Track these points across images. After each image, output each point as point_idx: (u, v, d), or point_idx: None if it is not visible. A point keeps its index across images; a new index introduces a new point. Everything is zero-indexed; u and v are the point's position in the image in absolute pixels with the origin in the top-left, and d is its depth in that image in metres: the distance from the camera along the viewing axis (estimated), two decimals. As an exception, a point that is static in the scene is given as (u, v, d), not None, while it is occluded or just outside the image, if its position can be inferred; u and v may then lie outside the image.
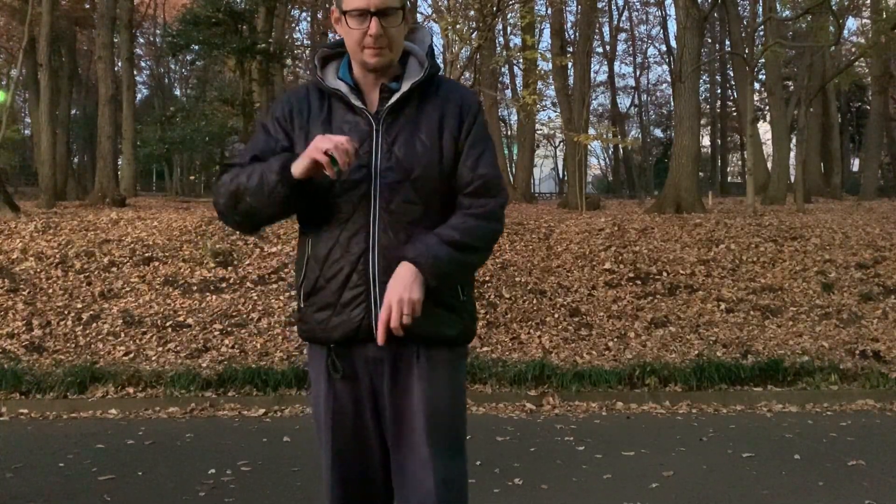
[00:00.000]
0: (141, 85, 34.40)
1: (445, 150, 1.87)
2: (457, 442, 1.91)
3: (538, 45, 18.23)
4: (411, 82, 1.87)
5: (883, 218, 12.71)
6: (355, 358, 1.87)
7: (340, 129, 1.84)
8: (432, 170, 1.85)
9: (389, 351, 1.83)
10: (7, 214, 11.48)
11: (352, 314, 1.83)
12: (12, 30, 25.42)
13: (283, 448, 4.95)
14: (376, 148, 1.83)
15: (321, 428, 1.93)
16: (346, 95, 1.87)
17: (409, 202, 1.82)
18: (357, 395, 1.89)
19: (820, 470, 4.41)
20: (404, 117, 1.86)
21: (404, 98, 1.86)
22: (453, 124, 1.89)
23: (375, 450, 1.91)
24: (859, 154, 34.05)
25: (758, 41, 19.27)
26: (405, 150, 1.84)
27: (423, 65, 1.91)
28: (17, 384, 6.42)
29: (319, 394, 1.93)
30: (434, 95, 1.91)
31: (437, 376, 1.86)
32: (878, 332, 7.97)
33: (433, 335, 1.84)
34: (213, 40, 12.41)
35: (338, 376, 1.88)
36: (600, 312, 8.37)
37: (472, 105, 1.94)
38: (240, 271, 9.02)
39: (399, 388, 1.86)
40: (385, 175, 1.82)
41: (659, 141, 41.36)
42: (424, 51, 1.94)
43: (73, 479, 4.24)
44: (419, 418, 1.84)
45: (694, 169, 14.65)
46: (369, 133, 1.84)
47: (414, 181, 1.83)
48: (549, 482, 4.17)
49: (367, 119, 1.85)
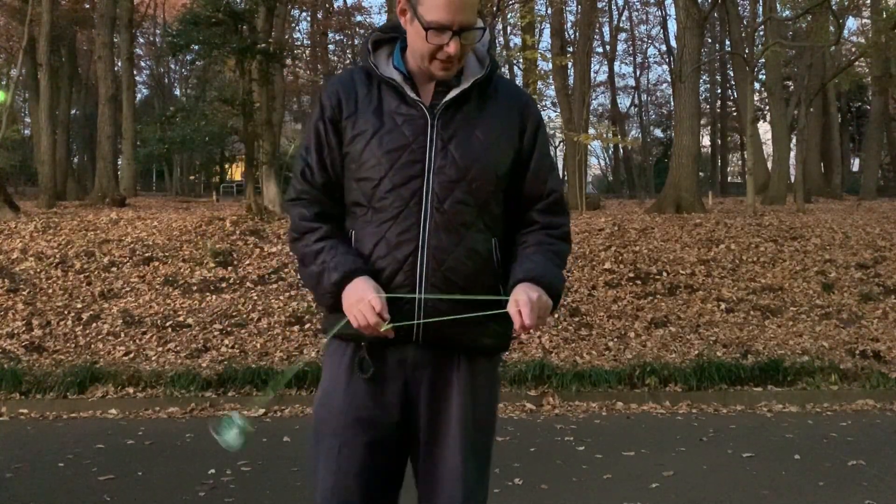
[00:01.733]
0: (141, 85, 34.42)
1: (502, 154, 1.79)
2: (486, 453, 1.84)
3: (538, 45, 18.25)
4: (472, 79, 1.78)
5: (883, 218, 12.71)
6: (389, 359, 1.76)
7: (392, 120, 1.75)
8: (489, 172, 1.76)
9: (433, 355, 1.76)
10: (7, 214, 11.48)
11: (392, 315, 1.71)
12: (12, 30, 25.41)
13: (283, 448, 4.94)
14: (431, 144, 1.74)
15: (323, 432, 1.81)
16: (401, 85, 1.76)
17: (463, 203, 1.73)
18: (379, 400, 1.76)
19: (820, 470, 4.41)
20: (462, 115, 1.77)
21: (464, 94, 1.77)
22: (513, 128, 1.81)
23: (385, 465, 1.78)
24: (859, 154, 34.05)
25: (758, 41, 19.27)
26: (462, 148, 1.74)
27: (482, 61, 1.82)
28: (17, 384, 6.42)
29: (334, 392, 1.80)
30: (493, 95, 1.82)
31: (477, 385, 1.79)
32: (878, 332, 7.97)
33: (474, 344, 1.77)
34: (213, 40, 12.37)
35: (365, 376, 1.76)
36: (600, 312, 8.37)
37: (534, 111, 1.86)
38: (240, 271, 9.02)
39: (437, 395, 1.77)
40: (439, 173, 1.72)
41: (659, 141, 41.34)
42: (485, 47, 1.84)
43: (73, 479, 4.23)
44: (455, 427, 1.76)
45: (694, 169, 14.65)
46: (424, 127, 1.75)
47: (470, 182, 1.74)
48: (549, 482, 4.17)
49: (422, 112, 1.75)
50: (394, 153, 1.74)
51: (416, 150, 1.73)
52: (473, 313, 1.70)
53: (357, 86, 1.81)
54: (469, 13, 1.69)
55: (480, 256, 1.75)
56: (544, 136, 1.87)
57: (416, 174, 1.72)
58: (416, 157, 1.73)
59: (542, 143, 1.86)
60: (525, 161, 1.84)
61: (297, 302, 8.28)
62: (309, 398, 6.33)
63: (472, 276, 1.74)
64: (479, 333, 1.76)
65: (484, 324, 1.75)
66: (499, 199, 1.81)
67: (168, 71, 36.32)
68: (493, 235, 1.79)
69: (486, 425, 1.83)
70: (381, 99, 1.79)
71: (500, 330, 1.81)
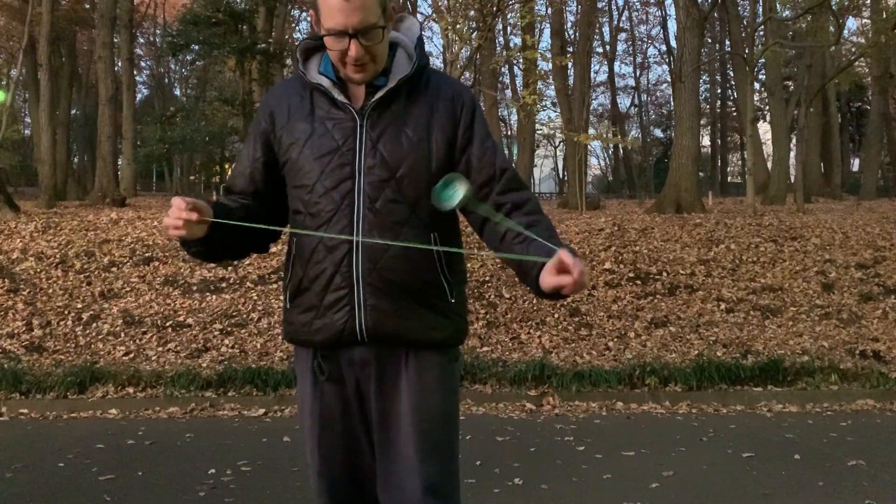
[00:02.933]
0: (141, 85, 34.46)
1: (435, 148, 1.78)
2: (447, 447, 1.83)
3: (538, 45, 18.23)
4: (399, 77, 1.77)
5: (883, 218, 12.72)
6: (341, 360, 1.81)
7: (323, 124, 1.78)
8: (420, 168, 1.76)
9: (377, 353, 1.78)
10: (7, 214, 11.48)
11: (334, 317, 1.75)
12: (12, 30, 25.43)
13: (283, 448, 4.94)
14: (360, 145, 1.75)
15: (306, 431, 1.88)
16: (329, 90, 1.78)
17: (394, 202, 1.73)
18: (344, 397, 1.82)
19: (820, 470, 4.41)
20: (390, 113, 1.77)
21: (391, 93, 1.77)
22: (445, 120, 1.80)
23: (365, 455, 1.84)
24: (859, 154, 34.05)
25: (758, 41, 19.24)
26: (390, 146, 1.75)
27: (411, 58, 1.81)
28: (17, 384, 6.42)
29: (305, 396, 1.87)
30: (424, 90, 1.81)
31: (427, 380, 1.79)
32: (878, 332, 7.97)
33: (422, 339, 1.77)
34: (213, 40, 12.40)
35: (323, 377, 1.81)
36: (600, 312, 8.37)
37: (465, 99, 1.84)
38: (240, 271, 9.02)
39: (386, 391, 1.79)
40: (369, 173, 1.73)
41: (659, 141, 41.38)
42: (413, 42, 1.83)
43: (73, 479, 4.23)
44: (406, 423, 1.77)
45: (694, 169, 14.66)
46: (353, 129, 1.76)
47: (399, 180, 1.74)
48: (549, 482, 4.17)
49: (351, 115, 1.77)
50: (324, 158, 1.76)
51: (345, 153, 1.75)
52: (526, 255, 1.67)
53: (290, 95, 1.85)
54: (364, 15, 1.66)
55: (417, 252, 1.74)
56: (481, 121, 1.86)
57: (346, 176, 1.74)
58: (345, 160, 1.75)
59: (480, 129, 1.84)
60: (465, 150, 1.82)
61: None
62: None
63: (409, 273, 1.75)
64: (425, 327, 1.77)
65: (426, 317, 1.77)
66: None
67: (168, 71, 36.34)
68: (434, 230, 1.78)
69: (443, 421, 1.82)
70: (313, 105, 1.81)
71: (448, 321, 1.82)
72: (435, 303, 1.79)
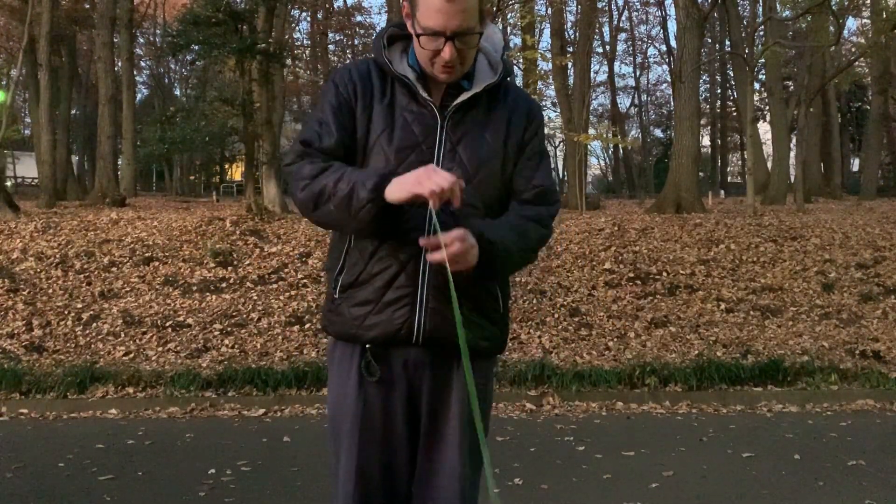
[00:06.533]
0: (141, 85, 34.46)
1: (509, 157, 1.81)
2: (478, 454, 1.81)
3: (538, 45, 18.24)
4: (484, 84, 1.78)
5: (883, 218, 12.72)
6: (393, 360, 1.77)
7: (403, 118, 1.75)
8: (495, 175, 1.78)
9: (432, 357, 1.76)
10: (7, 214, 11.49)
11: (394, 315, 1.72)
12: (12, 30, 25.41)
13: (283, 448, 4.94)
14: (440, 145, 1.74)
15: (342, 436, 1.80)
16: (414, 84, 1.75)
17: (469, 205, 1.70)
18: (389, 402, 1.78)
19: (820, 470, 4.41)
20: (471, 118, 1.77)
21: (474, 97, 1.77)
22: (518, 132, 1.82)
23: (399, 452, 1.80)
24: (859, 154, 34.04)
25: (758, 41, 19.26)
26: (470, 151, 1.75)
27: (494, 66, 1.82)
28: (17, 384, 6.41)
29: (345, 396, 1.80)
30: (503, 99, 1.83)
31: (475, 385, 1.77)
32: (878, 332, 7.97)
33: (473, 346, 1.73)
34: (213, 40, 12.38)
35: (373, 379, 1.76)
36: (600, 312, 8.37)
37: (538, 116, 1.87)
38: (240, 271, 9.02)
39: (437, 395, 1.79)
40: None
41: (659, 141, 41.39)
42: (498, 51, 1.84)
43: (73, 479, 4.23)
44: (454, 426, 1.78)
45: (694, 169, 14.67)
46: (434, 128, 1.75)
47: (477, 184, 1.74)
48: (549, 482, 4.17)
49: (432, 112, 1.75)
50: (403, 151, 1.74)
51: (425, 151, 1.73)
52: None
53: (371, 77, 1.80)
54: (464, 18, 1.66)
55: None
56: (541, 138, 1.89)
57: None
58: (424, 158, 1.72)
59: (536, 144, 1.87)
60: (517, 160, 1.84)
61: (297, 302, 8.28)
62: (309, 398, 6.33)
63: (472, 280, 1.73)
64: (478, 335, 1.77)
65: (481, 325, 1.78)
66: (504, 200, 1.83)
67: (168, 71, 36.32)
68: None
69: (481, 428, 1.81)
70: (393, 95, 1.78)
71: (497, 331, 1.84)
72: (489, 311, 1.81)
